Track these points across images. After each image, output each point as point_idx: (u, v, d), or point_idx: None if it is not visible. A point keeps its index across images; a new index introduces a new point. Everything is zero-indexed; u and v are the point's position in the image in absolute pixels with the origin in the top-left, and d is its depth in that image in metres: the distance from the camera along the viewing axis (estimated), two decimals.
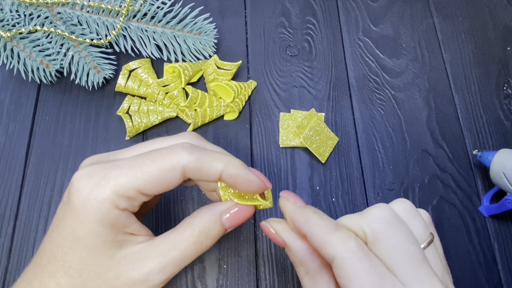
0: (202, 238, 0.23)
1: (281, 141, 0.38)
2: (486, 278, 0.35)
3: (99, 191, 0.22)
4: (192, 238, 0.23)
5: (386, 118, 0.41)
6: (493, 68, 0.44)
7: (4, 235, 0.34)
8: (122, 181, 0.22)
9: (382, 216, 0.23)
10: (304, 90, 0.41)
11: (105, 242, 0.22)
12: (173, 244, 0.23)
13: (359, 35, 0.45)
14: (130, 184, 0.22)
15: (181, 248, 0.23)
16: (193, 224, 0.23)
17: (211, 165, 0.23)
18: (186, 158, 0.22)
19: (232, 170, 0.23)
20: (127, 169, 0.22)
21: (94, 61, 0.39)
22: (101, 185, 0.22)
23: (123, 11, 0.39)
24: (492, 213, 0.36)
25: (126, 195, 0.22)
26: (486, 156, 0.36)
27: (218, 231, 0.24)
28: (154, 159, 0.23)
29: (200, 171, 0.23)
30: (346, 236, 0.22)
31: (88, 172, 0.22)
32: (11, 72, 0.40)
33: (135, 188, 0.22)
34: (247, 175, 0.24)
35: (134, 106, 0.39)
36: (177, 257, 0.23)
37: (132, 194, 0.22)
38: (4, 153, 0.37)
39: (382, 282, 0.21)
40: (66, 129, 0.38)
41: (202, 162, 0.23)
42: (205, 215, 0.24)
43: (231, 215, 0.24)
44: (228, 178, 0.23)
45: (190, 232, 0.23)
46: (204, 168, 0.23)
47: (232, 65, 0.39)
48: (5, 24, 0.38)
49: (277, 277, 0.34)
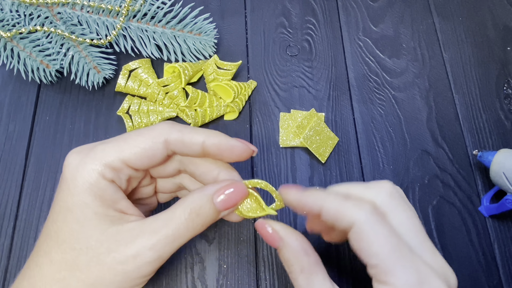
0: (193, 215, 0.24)
1: (281, 141, 0.38)
2: (486, 278, 0.35)
3: (87, 161, 0.23)
4: (183, 215, 0.23)
5: (386, 118, 0.41)
6: (493, 68, 0.44)
7: (4, 235, 0.34)
8: (108, 153, 0.23)
9: (390, 190, 0.24)
10: (304, 90, 0.41)
11: (95, 214, 0.23)
12: (164, 221, 0.23)
13: (359, 35, 0.45)
14: (115, 155, 0.23)
15: (172, 226, 0.23)
16: (185, 203, 0.24)
17: (192, 136, 0.24)
18: (168, 130, 0.24)
19: (213, 139, 0.24)
20: (113, 143, 0.24)
21: (94, 61, 0.39)
22: (89, 156, 0.23)
23: (123, 11, 0.39)
24: (492, 213, 0.36)
25: (112, 165, 0.23)
26: (486, 156, 0.36)
27: (210, 210, 0.24)
28: (138, 133, 0.24)
29: (182, 142, 0.24)
30: (360, 202, 0.23)
31: (78, 149, 0.24)
32: (11, 72, 0.40)
33: (121, 158, 0.23)
34: (228, 141, 0.24)
35: (134, 106, 0.39)
36: (168, 233, 0.23)
37: (118, 164, 0.23)
38: (4, 153, 0.37)
39: (401, 244, 0.22)
40: (66, 129, 0.38)
41: (184, 133, 0.24)
42: (196, 195, 0.24)
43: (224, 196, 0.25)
44: (210, 147, 0.24)
45: (181, 210, 0.24)
46: (186, 139, 0.24)
47: (232, 65, 0.39)
48: (5, 24, 0.38)
49: (277, 277, 0.34)
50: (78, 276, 0.23)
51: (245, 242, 0.35)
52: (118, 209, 0.24)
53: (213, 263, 0.34)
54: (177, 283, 0.33)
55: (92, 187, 0.23)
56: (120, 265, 0.22)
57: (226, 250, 0.34)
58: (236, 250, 0.34)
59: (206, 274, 0.33)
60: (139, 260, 0.23)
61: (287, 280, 0.33)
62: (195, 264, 0.34)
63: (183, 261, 0.34)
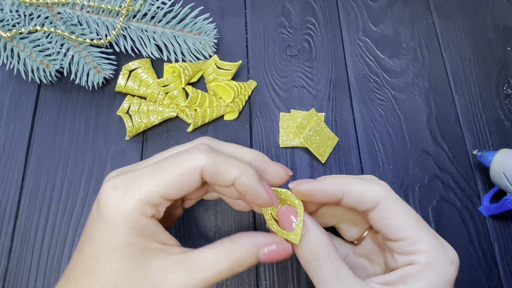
0: (236, 265, 0.24)
1: (281, 141, 0.38)
2: (486, 278, 0.35)
3: (127, 201, 0.22)
4: (228, 264, 0.24)
5: (386, 118, 0.41)
6: (493, 68, 0.44)
7: (4, 235, 0.34)
8: (147, 190, 0.23)
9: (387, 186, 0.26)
10: (304, 90, 0.41)
11: (139, 251, 0.23)
12: (209, 264, 0.23)
13: (359, 35, 0.45)
14: (154, 192, 0.23)
15: (215, 270, 0.23)
16: (231, 250, 0.24)
17: (226, 170, 0.23)
18: (204, 161, 0.23)
19: (245, 180, 0.24)
20: (149, 177, 0.23)
21: (94, 61, 0.39)
22: (127, 196, 0.23)
23: (123, 11, 0.39)
24: (492, 213, 0.36)
25: (151, 202, 0.23)
26: (486, 156, 0.36)
27: (252, 262, 0.24)
28: (173, 164, 0.23)
29: (216, 175, 0.23)
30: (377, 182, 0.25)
31: (113, 185, 0.23)
32: (11, 72, 0.40)
33: (159, 194, 0.23)
34: (258, 188, 0.24)
35: (134, 106, 0.39)
36: (210, 277, 0.23)
37: (157, 200, 0.23)
38: (4, 153, 0.37)
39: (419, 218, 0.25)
40: (66, 129, 0.38)
41: (219, 166, 0.23)
42: (245, 245, 0.24)
43: (269, 251, 0.24)
44: (239, 186, 0.24)
45: (227, 257, 0.24)
46: (220, 172, 0.23)
47: (232, 65, 0.39)
48: (5, 24, 0.38)
49: (277, 277, 0.34)
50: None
51: None
52: (159, 241, 0.24)
53: None
54: None
55: (135, 226, 0.23)
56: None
57: None
58: None
59: None
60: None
61: (287, 280, 0.33)
62: None
63: None
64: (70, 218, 0.35)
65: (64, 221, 0.35)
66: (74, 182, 0.36)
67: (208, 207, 0.36)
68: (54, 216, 0.35)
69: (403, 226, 0.24)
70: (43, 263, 0.33)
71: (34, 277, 0.33)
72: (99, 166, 0.37)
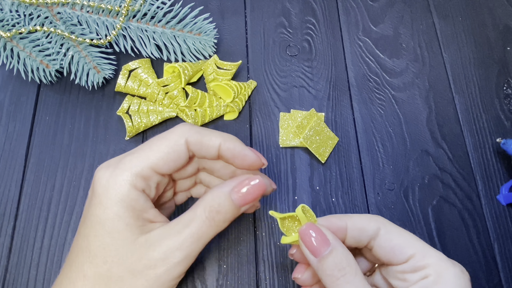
0: (213, 213, 0.25)
1: (281, 141, 0.38)
2: (486, 278, 0.35)
3: (118, 173, 0.24)
4: (204, 214, 0.24)
5: (386, 118, 0.41)
6: (493, 68, 0.44)
7: (4, 234, 0.34)
8: (137, 162, 0.24)
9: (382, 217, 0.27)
10: (304, 90, 0.41)
11: (126, 225, 0.23)
12: (187, 222, 0.24)
13: (359, 35, 0.45)
14: (144, 163, 0.24)
15: (195, 225, 0.24)
16: (204, 202, 0.25)
17: (210, 138, 0.25)
18: (187, 131, 0.25)
19: (229, 144, 0.25)
20: (139, 152, 0.24)
21: (94, 61, 0.39)
22: (119, 168, 0.24)
23: (123, 11, 0.39)
24: (510, 202, 0.36)
25: (142, 174, 0.24)
26: (510, 143, 0.36)
27: (229, 207, 0.25)
28: (160, 138, 0.25)
29: (201, 144, 0.25)
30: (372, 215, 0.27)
31: (105, 164, 0.25)
32: (11, 72, 0.40)
33: (149, 166, 0.24)
34: (243, 149, 0.26)
35: (134, 106, 0.39)
36: (192, 232, 0.24)
37: (147, 172, 0.24)
38: (4, 153, 0.37)
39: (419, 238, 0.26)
40: (66, 129, 0.38)
41: (202, 135, 0.25)
42: (215, 193, 0.25)
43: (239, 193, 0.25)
44: (225, 151, 0.25)
45: (202, 210, 0.25)
46: (204, 141, 0.25)
47: (232, 65, 0.39)
48: (5, 24, 0.38)
49: (277, 277, 0.34)
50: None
51: (245, 242, 0.35)
52: (146, 218, 0.25)
53: (213, 263, 0.34)
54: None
55: (125, 198, 0.23)
56: (152, 270, 0.23)
57: (226, 250, 0.34)
58: (236, 250, 0.34)
59: (206, 274, 0.33)
60: (168, 262, 0.24)
61: (287, 280, 0.33)
62: (195, 264, 0.34)
63: None
64: (70, 218, 0.35)
65: (64, 221, 0.35)
66: (74, 182, 0.36)
67: None
68: (54, 216, 0.35)
69: (410, 243, 0.25)
70: (43, 263, 0.33)
71: (34, 277, 0.33)
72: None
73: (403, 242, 0.25)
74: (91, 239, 0.24)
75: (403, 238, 0.25)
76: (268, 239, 0.35)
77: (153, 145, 0.25)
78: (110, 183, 0.23)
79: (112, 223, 0.23)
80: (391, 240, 0.25)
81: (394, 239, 0.25)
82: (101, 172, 0.24)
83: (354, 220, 0.26)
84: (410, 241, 0.25)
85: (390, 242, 0.25)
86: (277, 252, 0.34)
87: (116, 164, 0.24)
